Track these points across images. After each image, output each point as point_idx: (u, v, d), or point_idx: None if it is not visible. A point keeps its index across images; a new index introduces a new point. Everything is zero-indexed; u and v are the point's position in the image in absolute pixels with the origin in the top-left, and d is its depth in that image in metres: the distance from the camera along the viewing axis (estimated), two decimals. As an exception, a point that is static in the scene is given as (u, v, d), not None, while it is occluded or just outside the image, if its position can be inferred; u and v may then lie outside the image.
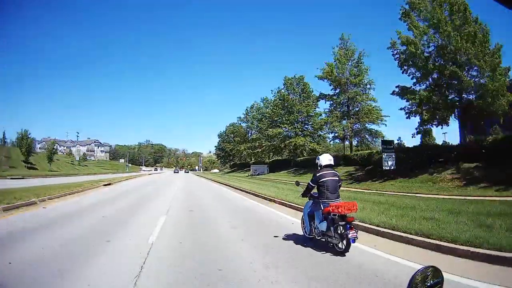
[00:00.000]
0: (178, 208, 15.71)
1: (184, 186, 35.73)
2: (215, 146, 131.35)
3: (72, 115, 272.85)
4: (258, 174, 64.82)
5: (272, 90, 69.32)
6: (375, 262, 6.60)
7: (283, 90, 68.03)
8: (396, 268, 6.16)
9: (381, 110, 49.79)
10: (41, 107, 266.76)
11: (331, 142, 65.87)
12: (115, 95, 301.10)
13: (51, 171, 65.76)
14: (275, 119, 67.62)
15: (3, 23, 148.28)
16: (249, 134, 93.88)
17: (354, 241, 6.94)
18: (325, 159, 8.28)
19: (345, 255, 7.02)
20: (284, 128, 65.63)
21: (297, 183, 9.97)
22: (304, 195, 8.66)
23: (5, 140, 77.41)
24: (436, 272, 2.01)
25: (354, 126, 49.85)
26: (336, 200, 7.75)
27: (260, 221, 12.19)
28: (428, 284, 1.93)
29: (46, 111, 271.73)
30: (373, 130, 51.10)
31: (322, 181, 7.88)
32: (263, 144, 76.24)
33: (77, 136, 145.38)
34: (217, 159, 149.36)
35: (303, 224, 9.00)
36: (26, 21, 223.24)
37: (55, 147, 70.38)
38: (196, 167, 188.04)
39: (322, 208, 7.75)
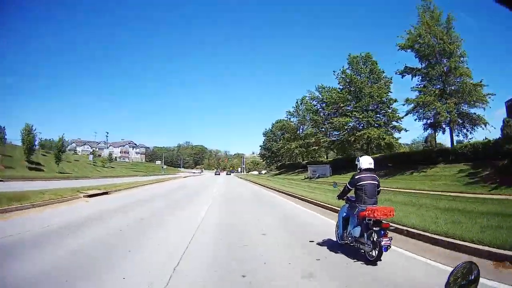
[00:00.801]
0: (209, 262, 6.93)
1: (225, 195, 25.69)
2: (260, 146, 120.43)
3: (110, 118, 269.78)
4: (318, 177, 51.80)
5: (334, 71, 55.58)
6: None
7: (348, 71, 54.34)
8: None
9: (482, 86, 36.99)
10: (80, 110, 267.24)
11: (422, 133, 49.99)
12: (154, 95, 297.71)
13: (61, 172, 55.14)
14: (342, 106, 54.01)
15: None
16: (301, 130, 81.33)
17: (386, 249, 6.42)
18: (366, 162, 7.83)
19: (376, 264, 6.55)
20: (353, 118, 51.97)
21: (335, 184, 9.81)
22: (340, 197, 8.36)
23: (5, 137, 66.99)
24: (473, 268, 2.00)
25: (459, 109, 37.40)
26: (373, 206, 7.25)
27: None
28: (467, 279, 1.93)
29: (84, 115, 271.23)
30: (474, 115, 37.65)
31: (361, 184, 7.49)
32: (321, 140, 63.83)
33: (106, 136, 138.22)
34: (262, 160, 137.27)
35: (337, 228, 8.50)
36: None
37: (65, 145, 58.77)
38: (239, 169, 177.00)
39: (358, 213, 7.35)
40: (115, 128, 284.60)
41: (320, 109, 67.53)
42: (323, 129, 65.56)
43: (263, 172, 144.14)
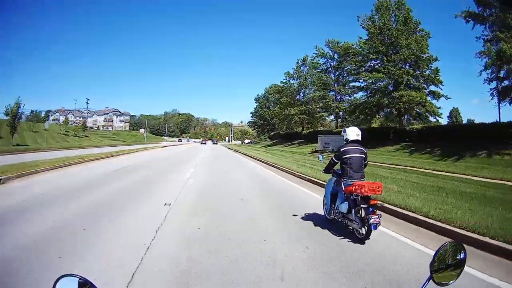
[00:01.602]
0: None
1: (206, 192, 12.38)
2: (250, 113, 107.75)
3: (97, 86, 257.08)
4: (332, 151, 40.22)
5: (358, 16, 42.32)
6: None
7: (377, 18, 41.29)
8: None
9: None
10: (64, 78, 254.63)
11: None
12: (140, 63, 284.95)
13: (18, 144, 42.11)
14: (372, 57, 41.04)
15: None
16: (301, 96, 68.02)
17: (375, 227, 6.08)
18: (353, 133, 7.23)
19: (364, 243, 6.12)
20: (386, 74, 38.94)
21: (320, 157, 9.08)
22: (326, 171, 7.81)
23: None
24: (458, 247, 1.95)
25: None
26: (360, 180, 6.84)
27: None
28: (451, 258, 1.90)
29: (69, 83, 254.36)
30: None
31: (346, 157, 7.00)
32: (331, 105, 51.98)
33: (87, 103, 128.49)
34: (252, 129, 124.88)
35: (324, 203, 8.13)
36: None
37: (20, 111, 44.72)
38: (227, 138, 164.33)
39: (344, 187, 6.88)
40: (101, 96, 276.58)
41: (330, 69, 55.87)
42: (332, 92, 54.21)
43: (246, 141, 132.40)
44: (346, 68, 56.33)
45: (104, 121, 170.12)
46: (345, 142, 7.26)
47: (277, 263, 4.99)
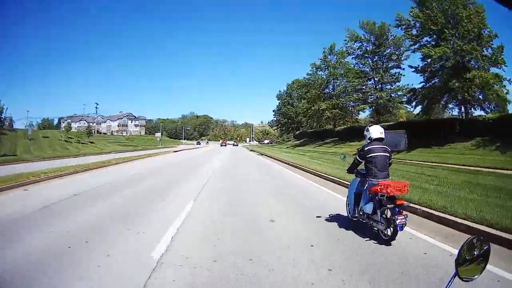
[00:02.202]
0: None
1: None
2: (273, 111, 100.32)
3: (111, 91, 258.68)
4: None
5: None
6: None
7: None
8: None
9: None
10: (82, 85, 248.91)
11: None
12: (156, 65, 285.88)
13: (4, 155, 35.22)
14: (433, 27, 31.66)
15: None
16: (330, 88, 59.33)
17: (402, 228, 5.86)
18: (376, 131, 7.01)
19: (390, 244, 5.93)
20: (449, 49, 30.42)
21: (343, 156, 9.03)
22: (350, 171, 7.57)
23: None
24: (482, 242, 1.91)
25: None
26: (385, 180, 6.55)
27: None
28: (475, 253, 1.87)
29: (83, 89, 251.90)
30: None
31: (371, 156, 6.69)
32: (373, 94, 44.66)
33: (96, 107, 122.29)
34: (275, 128, 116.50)
35: (348, 205, 7.80)
36: None
37: (3, 116, 37.96)
38: (247, 139, 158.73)
39: (369, 187, 6.63)
40: (115, 102, 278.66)
41: (367, 54, 47.95)
42: (371, 81, 46.54)
43: (266, 141, 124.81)
44: (386, 52, 48.13)
45: (118, 126, 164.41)
46: (368, 140, 6.98)
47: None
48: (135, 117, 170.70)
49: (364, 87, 49.87)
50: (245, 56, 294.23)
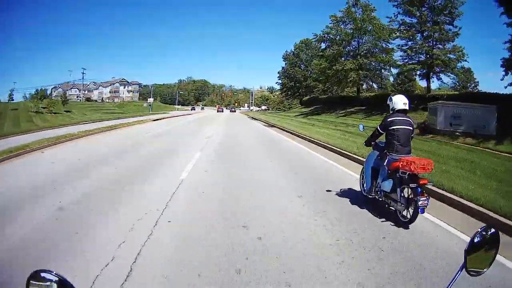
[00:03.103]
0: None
1: None
2: (278, 72, 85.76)
3: (105, 56, 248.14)
4: (475, 132, 20.19)
5: None
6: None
7: None
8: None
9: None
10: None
11: None
12: (152, 27, 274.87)
13: None
14: None
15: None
16: (353, 46, 46.46)
17: (423, 211, 5.35)
18: (400, 101, 6.32)
19: (409, 227, 5.44)
20: None
21: (361, 127, 7.72)
22: (367, 143, 6.97)
23: None
24: (493, 232, 1.78)
25: None
26: (407, 156, 5.97)
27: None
28: (486, 245, 1.74)
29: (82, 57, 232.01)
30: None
31: (393, 129, 6.12)
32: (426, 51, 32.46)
33: (83, 73, 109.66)
34: (280, 93, 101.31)
35: (363, 179, 7.18)
36: None
37: None
38: (246, 105, 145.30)
39: (389, 163, 6.07)
40: (111, 67, 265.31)
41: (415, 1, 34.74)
42: (419, 36, 34.08)
43: (263, 107, 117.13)
44: (437, 3, 34.31)
45: (110, 92, 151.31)
46: (391, 111, 6.39)
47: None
48: (128, 82, 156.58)
49: (410, 42, 36.79)
50: (246, 17, 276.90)
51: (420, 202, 5.18)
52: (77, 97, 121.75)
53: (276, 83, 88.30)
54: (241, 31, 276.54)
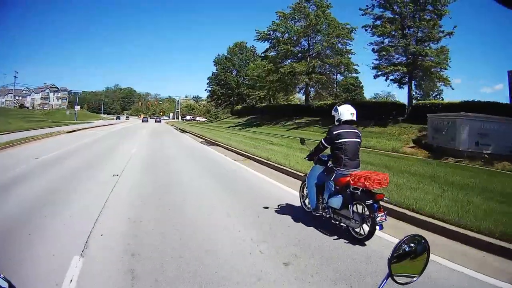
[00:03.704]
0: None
1: None
2: (208, 78, 74.77)
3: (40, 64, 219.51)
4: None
5: None
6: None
7: None
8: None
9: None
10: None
11: None
12: (83, 32, 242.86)
13: None
14: None
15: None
16: (304, 45, 39.17)
17: (382, 226, 4.96)
18: (347, 111, 5.73)
19: (365, 244, 5.00)
20: None
21: (302, 141, 6.99)
22: (310, 158, 6.24)
23: None
24: (422, 241, 1.79)
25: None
26: (355, 170, 5.50)
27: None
28: (414, 253, 1.73)
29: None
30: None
31: (340, 142, 5.53)
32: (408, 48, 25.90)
33: (15, 77, 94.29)
34: (209, 101, 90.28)
35: (304, 195, 6.69)
36: None
37: None
38: (171, 114, 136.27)
39: (337, 178, 5.54)
40: (45, 70, 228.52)
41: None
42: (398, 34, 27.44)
43: (188, 117, 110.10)
44: None
45: (41, 99, 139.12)
46: (337, 123, 5.79)
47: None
48: (58, 88, 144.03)
49: (387, 40, 29.58)
50: (173, 26, 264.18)
51: (378, 218, 4.77)
52: (12, 102, 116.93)
53: (205, 90, 77.60)
54: (169, 37, 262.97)
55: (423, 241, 1.70)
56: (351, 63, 36.74)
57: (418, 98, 34.72)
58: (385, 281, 1.60)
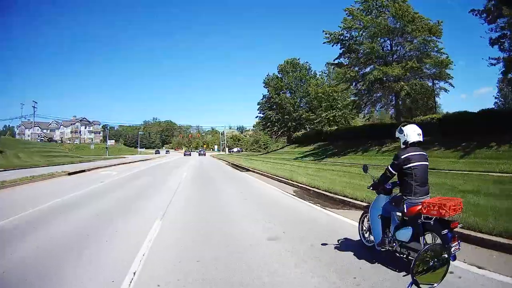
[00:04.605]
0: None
1: None
2: (258, 104, 64.28)
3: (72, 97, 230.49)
4: None
5: None
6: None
7: None
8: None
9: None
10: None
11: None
12: (120, 68, 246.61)
13: None
14: None
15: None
16: (386, 47, 29.71)
17: (455, 258, 4.28)
18: (413, 132, 4.85)
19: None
20: None
21: (365, 168, 5.84)
22: (375, 187, 5.33)
23: None
24: (443, 249, 1.91)
25: None
26: (426, 197, 4.65)
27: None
28: (435, 261, 1.83)
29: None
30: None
31: (410, 167, 4.68)
32: None
33: (34, 108, 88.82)
34: (261, 129, 79.66)
35: (364, 228, 5.87)
36: None
37: None
38: (216, 147, 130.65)
39: (406, 208, 4.71)
40: (72, 104, 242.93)
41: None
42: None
43: (235, 150, 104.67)
44: None
45: (71, 133, 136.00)
46: (403, 146, 4.92)
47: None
48: (89, 122, 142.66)
49: None
50: (210, 58, 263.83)
51: (452, 249, 4.15)
52: (38, 136, 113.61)
53: (256, 117, 66.60)
54: (206, 72, 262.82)
55: (443, 248, 1.88)
56: (448, 63, 27.07)
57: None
58: (409, 287, 1.65)
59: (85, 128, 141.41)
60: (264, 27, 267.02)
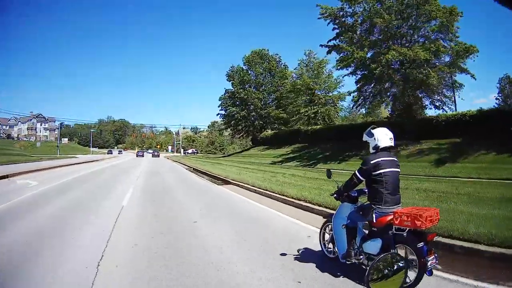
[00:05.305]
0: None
1: None
2: (219, 98, 56.65)
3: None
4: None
5: None
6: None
7: None
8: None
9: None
10: None
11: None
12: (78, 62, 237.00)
13: None
14: None
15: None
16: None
17: (431, 272, 3.92)
18: (385, 135, 4.35)
19: None
20: None
21: (329, 173, 5.29)
22: (340, 194, 4.75)
23: None
24: (398, 258, 1.90)
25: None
26: (396, 207, 4.19)
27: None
28: (390, 269, 1.85)
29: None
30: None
31: (380, 173, 4.19)
32: None
33: None
34: (224, 127, 68.37)
35: (324, 239, 5.37)
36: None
37: None
38: (169, 147, 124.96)
39: (375, 218, 4.22)
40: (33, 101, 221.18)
41: None
42: None
43: (190, 151, 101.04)
44: None
45: (28, 129, 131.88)
46: (373, 150, 4.37)
47: None
48: (45, 118, 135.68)
49: None
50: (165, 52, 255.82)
51: (429, 263, 3.78)
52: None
53: (217, 114, 58.65)
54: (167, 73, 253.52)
55: (398, 256, 1.70)
56: (473, 51, 21.81)
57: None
58: None
59: (41, 125, 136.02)
60: (223, 26, 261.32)
